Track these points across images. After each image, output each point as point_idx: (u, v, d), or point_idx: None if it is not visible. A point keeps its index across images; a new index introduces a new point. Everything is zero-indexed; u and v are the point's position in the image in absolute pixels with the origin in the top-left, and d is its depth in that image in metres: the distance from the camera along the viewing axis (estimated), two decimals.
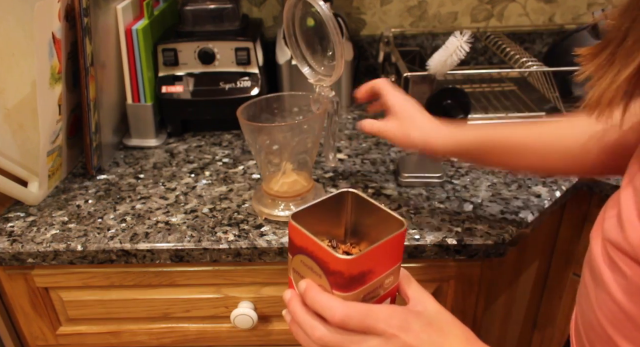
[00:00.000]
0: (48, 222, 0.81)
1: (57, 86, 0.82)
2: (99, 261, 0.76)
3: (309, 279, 0.44)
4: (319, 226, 0.47)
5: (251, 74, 1.04)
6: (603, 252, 0.45)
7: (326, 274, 0.42)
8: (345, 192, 0.49)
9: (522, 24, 1.33)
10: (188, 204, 0.84)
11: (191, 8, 1.05)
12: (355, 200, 0.49)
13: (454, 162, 0.93)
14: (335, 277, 0.41)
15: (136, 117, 1.03)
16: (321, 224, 0.48)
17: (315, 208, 0.47)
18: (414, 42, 1.32)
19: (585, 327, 0.48)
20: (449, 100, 0.97)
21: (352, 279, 0.41)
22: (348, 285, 0.41)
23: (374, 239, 0.48)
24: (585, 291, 0.48)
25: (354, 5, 1.31)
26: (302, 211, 0.46)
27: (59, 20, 0.80)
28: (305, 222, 0.44)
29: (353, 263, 0.40)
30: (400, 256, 0.45)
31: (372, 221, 0.48)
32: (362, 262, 0.41)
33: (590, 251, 0.48)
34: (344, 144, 1.01)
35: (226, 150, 1.02)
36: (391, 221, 0.45)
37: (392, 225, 0.45)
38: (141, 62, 0.98)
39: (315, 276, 0.43)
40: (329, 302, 0.42)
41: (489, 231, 0.74)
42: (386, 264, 0.44)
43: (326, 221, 0.49)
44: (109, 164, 0.98)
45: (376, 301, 0.45)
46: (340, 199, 0.49)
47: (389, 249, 0.43)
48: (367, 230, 0.50)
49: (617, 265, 0.42)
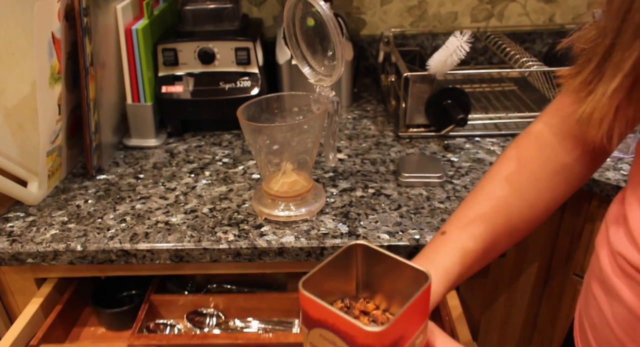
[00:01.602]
0: (48, 222, 0.81)
1: (57, 86, 0.82)
2: (98, 261, 0.76)
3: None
4: (330, 285, 0.44)
5: (251, 74, 1.04)
6: (612, 263, 0.44)
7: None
8: (354, 245, 0.45)
9: (522, 23, 1.32)
10: (188, 204, 0.84)
11: (191, 8, 1.04)
12: (364, 251, 0.46)
13: (453, 162, 0.93)
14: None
15: (136, 117, 1.03)
16: (331, 282, 0.45)
17: (324, 269, 0.43)
18: (414, 42, 1.32)
19: (599, 341, 0.47)
20: (449, 100, 0.97)
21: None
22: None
23: (388, 290, 0.45)
24: (595, 304, 0.47)
25: (354, 5, 1.31)
26: (312, 275, 0.42)
27: (59, 20, 0.80)
28: (317, 285, 0.40)
29: (385, 334, 0.36)
30: (428, 311, 0.41)
31: (383, 270, 0.45)
32: (394, 330, 0.37)
33: (598, 263, 0.47)
34: (344, 144, 1.01)
35: (226, 150, 1.01)
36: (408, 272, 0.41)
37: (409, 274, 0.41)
38: (141, 62, 0.98)
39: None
40: None
41: None
42: (416, 324, 0.40)
43: (337, 278, 0.46)
44: (108, 164, 0.98)
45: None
46: (349, 253, 0.46)
47: (418, 307, 0.39)
48: (379, 281, 0.47)
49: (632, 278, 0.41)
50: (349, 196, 0.84)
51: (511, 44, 1.16)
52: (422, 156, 0.95)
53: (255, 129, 0.72)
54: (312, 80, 0.77)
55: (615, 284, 0.43)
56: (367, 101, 1.22)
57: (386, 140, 1.02)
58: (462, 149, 0.97)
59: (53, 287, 0.83)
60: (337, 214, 0.79)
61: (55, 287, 0.83)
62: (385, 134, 1.05)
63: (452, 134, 1.01)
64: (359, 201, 0.82)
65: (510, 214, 0.54)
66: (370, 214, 0.79)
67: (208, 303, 0.85)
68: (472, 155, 0.95)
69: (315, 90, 0.77)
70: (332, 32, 0.68)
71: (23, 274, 0.82)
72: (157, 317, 0.86)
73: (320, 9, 0.67)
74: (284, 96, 0.80)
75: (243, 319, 0.85)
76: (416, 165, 0.88)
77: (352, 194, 0.84)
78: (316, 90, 0.77)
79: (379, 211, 0.80)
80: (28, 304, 0.80)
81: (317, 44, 0.75)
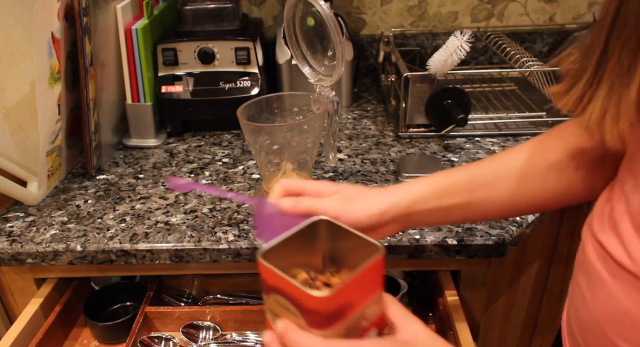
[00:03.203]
0: (47, 222, 0.81)
1: (57, 86, 0.82)
2: (98, 261, 0.76)
3: (286, 319, 0.42)
4: (295, 258, 0.45)
5: (251, 74, 1.04)
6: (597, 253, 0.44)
7: (302, 313, 0.40)
8: (317, 221, 0.47)
9: (522, 23, 1.32)
10: (188, 204, 0.84)
11: (191, 7, 1.04)
12: (328, 227, 0.47)
13: (453, 162, 0.93)
14: (312, 315, 0.39)
15: (136, 117, 1.03)
16: (297, 255, 0.46)
17: (286, 242, 0.45)
18: (414, 42, 1.32)
19: (581, 328, 0.47)
20: (449, 100, 0.97)
21: (329, 316, 0.39)
22: (326, 322, 0.39)
23: (352, 265, 0.46)
24: (579, 292, 0.47)
25: (354, 4, 1.31)
26: (272, 247, 0.43)
27: (59, 20, 0.80)
28: (279, 257, 0.42)
29: (328, 300, 0.38)
30: (381, 283, 0.43)
31: (349, 246, 0.46)
32: (339, 297, 0.39)
33: (583, 252, 0.47)
34: (344, 144, 1.01)
35: (226, 150, 1.01)
36: (368, 247, 0.43)
37: (369, 250, 0.42)
38: (141, 61, 0.98)
39: (291, 315, 0.41)
40: (308, 343, 0.40)
41: (489, 231, 0.74)
42: (365, 294, 0.41)
43: (302, 252, 0.46)
44: (108, 164, 0.98)
45: (360, 332, 0.43)
46: (313, 228, 0.47)
47: (367, 278, 0.41)
48: (345, 256, 0.48)
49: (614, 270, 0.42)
50: None
51: (511, 44, 1.16)
52: (422, 156, 0.95)
53: (255, 129, 0.72)
54: (312, 80, 0.77)
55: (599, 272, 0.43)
56: (367, 101, 1.22)
57: (386, 140, 1.02)
58: (462, 149, 0.97)
59: (53, 287, 0.83)
60: None
61: (55, 288, 0.83)
62: (385, 134, 1.05)
63: (452, 134, 1.01)
64: None
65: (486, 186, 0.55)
66: None
67: (204, 316, 0.83)
68: (472, 155, 0.95)
69: (315, 90, 0.77)
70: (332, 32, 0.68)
71: (23, 275, 0.82)
72: (152, 330, 0.84)
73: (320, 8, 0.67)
74: (284, 96, 0.80)
75: (240, 333, 0.83)
76: (416, 165, 0.88)
77: None
78: (316, 90, 0.77)
79: None
80: (28, 304, 0.80)
81: (317, 43, 0.75)
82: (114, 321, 0.81)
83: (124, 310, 0.90)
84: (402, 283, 0.92)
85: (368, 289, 0.42)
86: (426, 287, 0.90)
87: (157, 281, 0.88)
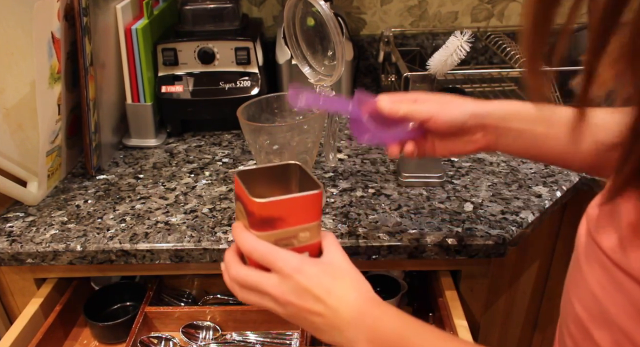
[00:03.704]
0: (47, 222, 0.81)
1: (57, 86, 0.82)
2: (98, 261, 0.76)
3: (240, 221, 0.51)
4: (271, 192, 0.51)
5: (251, 74, 1.04)
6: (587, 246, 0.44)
7: (247, 215, 0.48)
8: (291, 164, 0.53)
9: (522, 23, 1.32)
10: (188, 204, 0.84)
11: (191, 7, 1.04)
12: (300, 172, 0.53)
13: (454, 162, 0.93)
14: (251, 217, 0.48)
15: (136, 117, 1.03)
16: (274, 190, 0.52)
17: (261, 172, 0.53)
18: (414, 42, 1.32)
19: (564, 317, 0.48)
20: None
21: (262, 221, 0.48)
22: (260, 225, 0.48)
23: None
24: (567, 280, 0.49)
25: (354, 4, 1.31)
26: (248, 170, 0.52)
27: (58, 20, 0.80)
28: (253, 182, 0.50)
29: (262, 206, 0.47)
30: (317, 216, 0.50)
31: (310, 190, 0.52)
32: (271, 207, 0.47)
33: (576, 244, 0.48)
34: (344, 144, 1.01)
35: (226, 150, 1.01)
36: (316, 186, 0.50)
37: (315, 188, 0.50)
38: (141, 61, 0.98)
39: (243, 219, 0.50)
40: (243, 237, 0.49)
41: (489, 231, 0.74)
42: (299, 218, 0.49)
43: (276, 188, 0.53)
44: (108, 164, 0.98)
45: (291, 250, 0.49)
46: (286, 170, 0.54)
47: (301, 204, 0.48)
48: None
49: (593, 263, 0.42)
50: (349, 196, 0.84)
51: (511, 44, 1.16)
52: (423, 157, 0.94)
53: (255, 129, 0.72)
54: (312, 80, 0.77)
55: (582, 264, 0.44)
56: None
57: None
58: None
59: (53, 287, 0.83)
60: (337, 214, 0.79)
61: (55, 288, 0.83)
62: None
63: None
64: (359, 201, 0.82)
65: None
66: (370, 214, 0.79)
67: (204, 316, 0.83)
68: (472, 155, 0.95)
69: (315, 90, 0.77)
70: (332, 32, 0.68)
71: (23, 275, 0.82)
72: (152, 330, 0.84)
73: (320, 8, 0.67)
74: (284, 96, 0.80)
75: (240, 333, 0.83)
76: (416, 165, 0.87)
77: (352, 194, 0.84)
78: (316, 90, 0.77)
79: (379, 211, 0.80)
80: (28, 304, 0.80)
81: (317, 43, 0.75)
82: (114, 321, 0.81)
83: (124, 310, 0.90)
84: (402, 283, 0.92)
85: (303, 215, 0.49)
86: (426, 287, 0.90)
87: (157, 281, 0.88)
